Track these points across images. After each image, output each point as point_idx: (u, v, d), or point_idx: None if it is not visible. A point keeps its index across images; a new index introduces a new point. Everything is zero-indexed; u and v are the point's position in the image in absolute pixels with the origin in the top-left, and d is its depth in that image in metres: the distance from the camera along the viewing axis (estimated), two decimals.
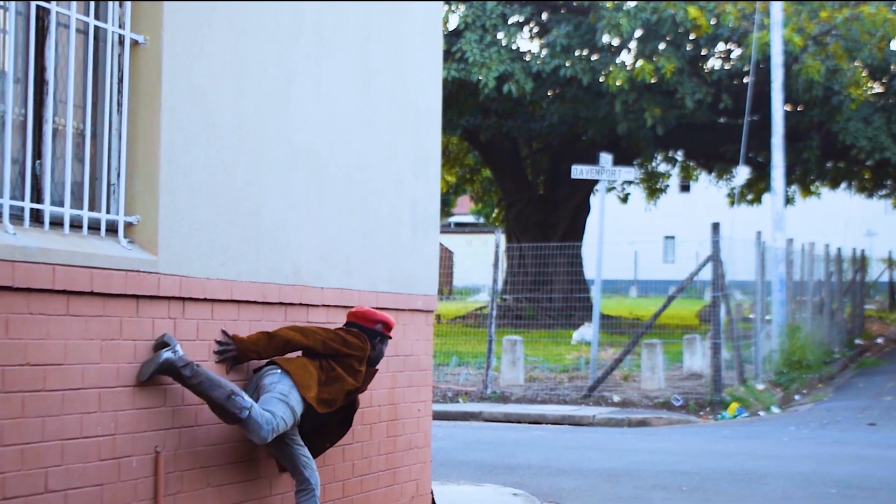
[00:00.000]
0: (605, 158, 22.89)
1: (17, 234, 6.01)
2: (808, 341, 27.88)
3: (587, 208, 41.28)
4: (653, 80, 31.59)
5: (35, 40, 6.35)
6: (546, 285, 32.09)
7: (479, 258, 54.50)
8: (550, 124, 35.79)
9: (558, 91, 34.48)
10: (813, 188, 44.75)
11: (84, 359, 6.33)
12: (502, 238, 24.82)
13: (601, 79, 32.64)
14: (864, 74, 33.23)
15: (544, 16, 34.94)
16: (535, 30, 35.16)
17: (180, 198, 7.04)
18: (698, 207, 65.71)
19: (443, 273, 41.54)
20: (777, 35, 28.11)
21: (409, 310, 9.61)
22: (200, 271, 7.23)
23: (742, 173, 43.25)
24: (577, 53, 32.85)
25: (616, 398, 21.74)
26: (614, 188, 44.84)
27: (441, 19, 10.37)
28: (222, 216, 7.42)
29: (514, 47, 32.83)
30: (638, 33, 32.89)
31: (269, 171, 7.90)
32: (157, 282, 6.85)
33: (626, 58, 33.88)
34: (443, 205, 42.71)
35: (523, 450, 16.55)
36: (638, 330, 23.84)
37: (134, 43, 6.90)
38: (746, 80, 31.30)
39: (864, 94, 32.83)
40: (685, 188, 70.44)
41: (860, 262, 39.73)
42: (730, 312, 22.95)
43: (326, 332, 7.98)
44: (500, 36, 32.63)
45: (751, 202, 44.86)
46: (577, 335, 30.17)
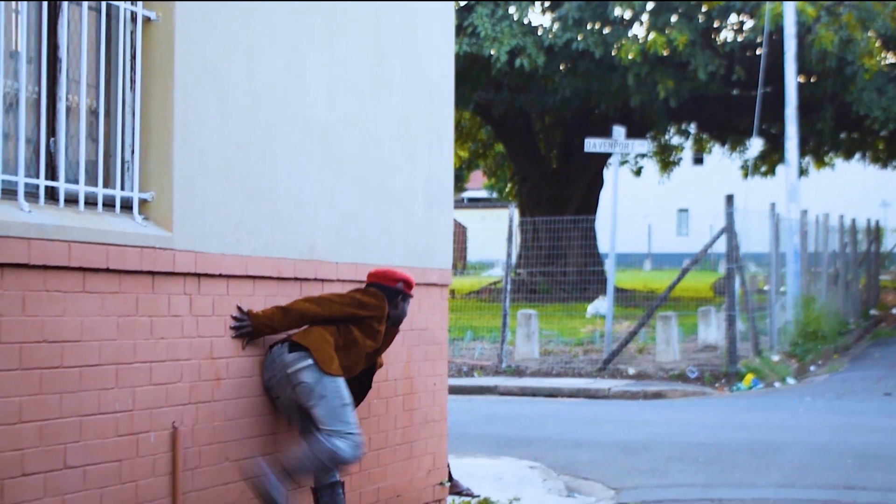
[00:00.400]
0: (619, 131, 22.85)
1: (33, 211, 6.02)
2: (824, 312, 27.85)
3: (600, 182, 41.21)
4: (665, 53, 31.47)
5: (47, 19, 6.36)
6: (560, 259, 32.11)
7: (493, 233, 54.49)
8: (563, 98, 35.70)
9: (570, 65, 34.38)
10: (827, 159, 44.63)
11: (100, 335, 6.35)
12: (516, 212, 24.81)
13: (613, 52, 32.52)
14: (877, 44, 33.06)
15: None
16: (547, 3, 35.04)
17: (194, 174, 7.05)
18: (712, 180, 65.53)
19: (456, 248, 41.50)
20: (790, 6, 28.02)
21: (425, 284, 9.61)
22: (215, 247, 7.24)
23: (755, 145, 43.14)
24: (588, 27, 32.74)
25: (631, 371, 21.75)
26: (627, 161, 44.73)
27: None
28: (237, 192, 7.43)
29: (526, 21, 32.73)
30: (650, 6, 32.77)
31: (282, 147, 7.91)
32: (172, 258, 6.87)
33: (639, 30, 33.75)
34: (456, 180, 42.63)
35: (539, 423, 16.58)
36: (653, 303, 23.83)
37: (146, 20, 6.90)
38: (759, 51, 31.19)
39: (878, 65, 32.68)
40: (698, 161, 70.26)
41: (875, 233, 39.62)
42: (744, 284, 22.93)
43: (342, 298, 7.98)
44: (512, 10, 32.53)
45: (764, 174, 44.76)
46: (591, 309, 30.16)
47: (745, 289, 23.06)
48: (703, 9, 32.65)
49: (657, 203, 65.63)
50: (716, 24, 34.34)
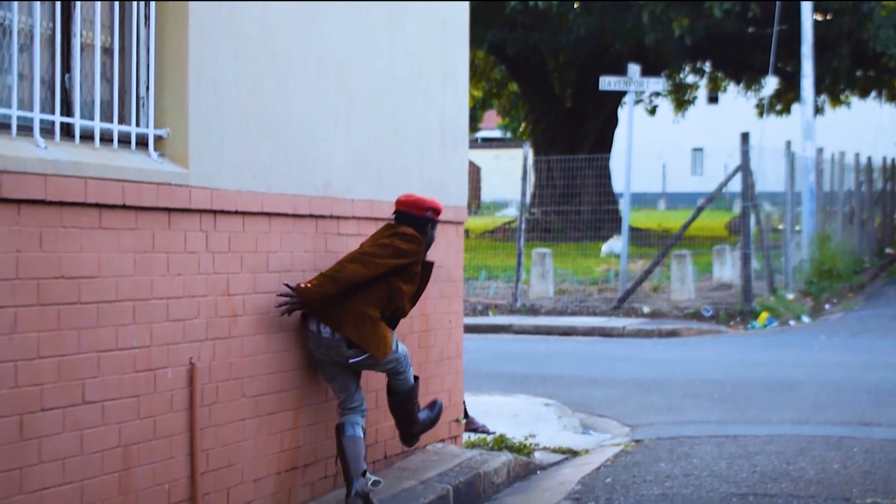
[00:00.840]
0: (633, 69, 22.76)
1: (49, 147, 6.02)
2: (839, 251, 27.82)
3: (615, 121, 41.07)
4: None
5: None
6: (574, 199, 32.03)
7: (507, 173, 54.40)
8: (577, 37, 35.49)
9: (585, 3, 34.18)
10: (842, 97, 44.37)
11: (117, 272, 6.36)
12: (530, 152, 24.76)
13: None
14: None
15: None
16: None
17: (210, 111, 7.03)
18: (726, 119, 65.26)
19: (470, 188, 41.54)
20: None
21: (440, 221, 9.59)
22: (231, 184, 7.24)
23: (771, 84, 42.92)
24: None
25: (646, 309, 21.77)
26: (642, 100, 44.54)
27: None
28: (252, 129, 7.42)
29: None
30: None
31: (297, 85, 7.89)
32: (188, 195, 6.87)
33: None
34: (470, 120, 42.55)
35: (554, 361, 16.64)
36: (667, 241, 23.82)
37: None
38: None
39: (895, 2, 32.44)
40: (713, 100, 69.95)
41: (890, 172, 39.46)
42: (759, 223, 22.90)
43: (383, 250, 8.01)
44: None
45: (779, 113, 44.54)
46: (605, 248, 30.15)
47: (761, 227, 23.02)
48: None
49: (672, 142, 65.39)
50: None
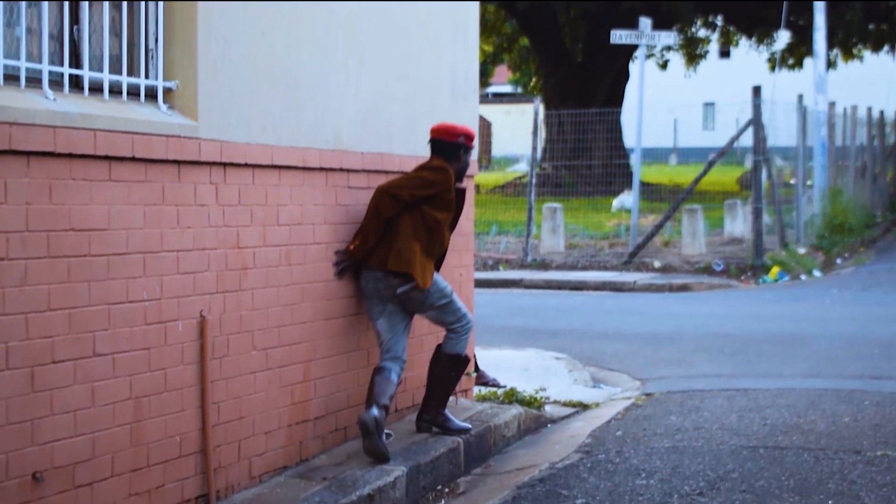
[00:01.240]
0: (645, 23, 22.65)
1: (58, 99, 5.99)
2: (850, 205, 27.76)
3: (626, 76, 40.94)
4: None
5: None
6: (585, 153, 31.96)
7: (518, 128, 54.30)
8: None
9: None
10: (855, 51, 44.15)
11: (127, 224, 6.35)
12: (541, 106, 24.68)
13: None
14: None
15: None
16: None
17: (219, 63, 7.00)
18: (738, 74, 65.00)
19: (481, 143, 41.45)
20: None
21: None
22: (241, 136, 7.21)
23: (783, 37, 42.72)
24: None
25: (657, 264, 21.76)
26: (653, 55, 44.39)
27: None
28: (261, 81, 7.39)
29: None
30: None
31: (307, 36, 7.85)
32: (197, 147, 6.85)
33: None
34: (480, 75, 42.41)
35: (565, 315, 16.65)
36: (679, 195, 23.77)
37: None
38: None
39: None
40: (725, 54, 69.70)
41: None
42: (771, 177, 22.85)
43: (409, 181, 8.43)
44: None
45: (791, 67, 44.35)
46: (616, 202, 30.13)
47: (772, 182, 22.96)
48: None
49: (683, 97, 65.22)
50: None
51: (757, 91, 21.56)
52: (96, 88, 6.41)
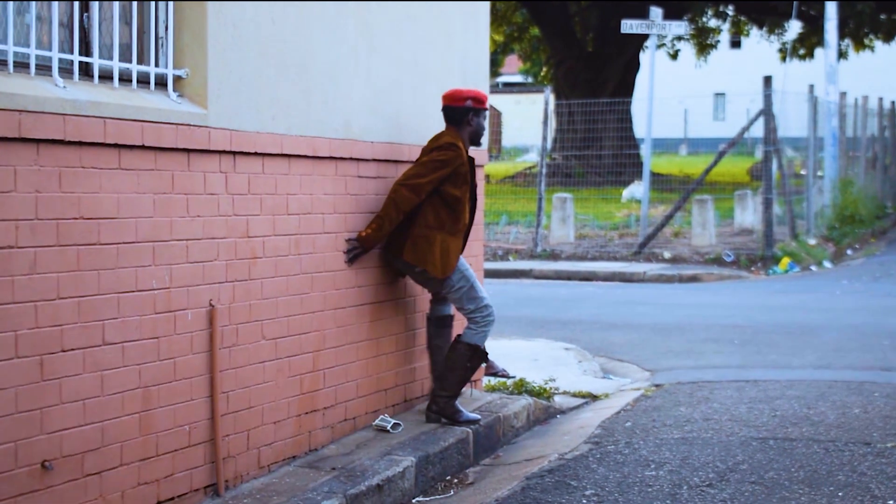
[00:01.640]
0: (655, 12, 22.59)
1: (68, 87, 5.98)
2: (861, 196, 27.71)
3: (636, 65, 40.86)
4: None
5: None
6: (595, 143, 31.92)
7: (528, 118, 54.19)
8: None
9: None
10: (866, 41, 44.03)
11: (137, 212, 6.33)
12: (551, 96, 24.63)
13: None
14: None
15: None
16: None
17: (229, 50, 6.98)
18: (749, 64, 64.93)
19: (491, 133, 41.43)
20: None
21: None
22: (250, 125, 7.19)
23: (794, 27, 42.60)
24: None
25: (666, 254, 21.72)
26: (664, 45, 44.29)
27: None
28: (271, 69, 7.37)
29: None
30: None
31: (317, 24, 7.82)
32: (207, 135, 6.83)
33: None
34: (491, 65, 42.35)
35: (574, 305, 16.62)
36: (689, 186, 23.72)
37: None
38: None
39: None
40: (736, 44, 69.59)
41: None
42: (782, 167, 22.79)
43: (424, 168, 8.48)
44: None
45: (802, 57, 44.26)
46: (626, 193, 30.09)
47: (783, 172, 22.91)
48: None
49: (693, 87, 65.14)
50: None
51: (768, 81, 21.50)
52: (106, 76, 6.39)
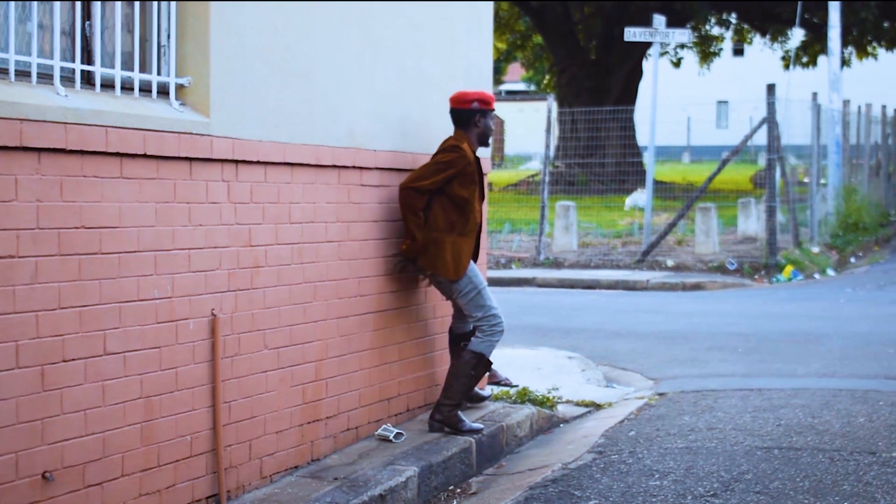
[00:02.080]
0: (659, 20, 22.57)
1: (69, 95, 5.95)
2: (864, 204, 27.67)
3: (640, 73, 40.84)
4: None
5: None
6: (598, 151, 31.89)
7: (531, 126, 54.14)
8: None
9: None
10: (870, 49, 43.98)
11: (139, 221, 6.30)
12: (554, 104, 24.61)
13: None
14: None
15: None
16: None
17: (232, 59, 6.95)
18: (752, 72, 64.90)
19: (494, 141, 41.40)
20: None
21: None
22: (253, 133, 7.17)
23: (797, 35, 42.54)
24: None
25: (670, 262, 21.69)
26: (667, 52, 44.27)
27: None
28: (275, 77, 7.34)
29: None
30: None
31: (321, 31, 7.80)
32: (209, 144, 6.80)
33: None
34: (493, 73, 42.33)
35: (578, 314, 16.58)
36: (692, 194, 23.69)
37: None
38: None
39: None
40: (738, 52, 69.59)
41: None
42: (785, 175, 22.75)
43: (426, 170, 8.61)
44: None
45: (805, 65, 44.21)
46: (629, 201, 30.06)
47: (786, 180, 22.87)
48: None
49: (696, 95, 65.08)
50: None
51: (771, 89, 21.47)
52: (108, 85, 6.37)
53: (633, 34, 22.73)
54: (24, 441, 5.62)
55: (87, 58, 6.28)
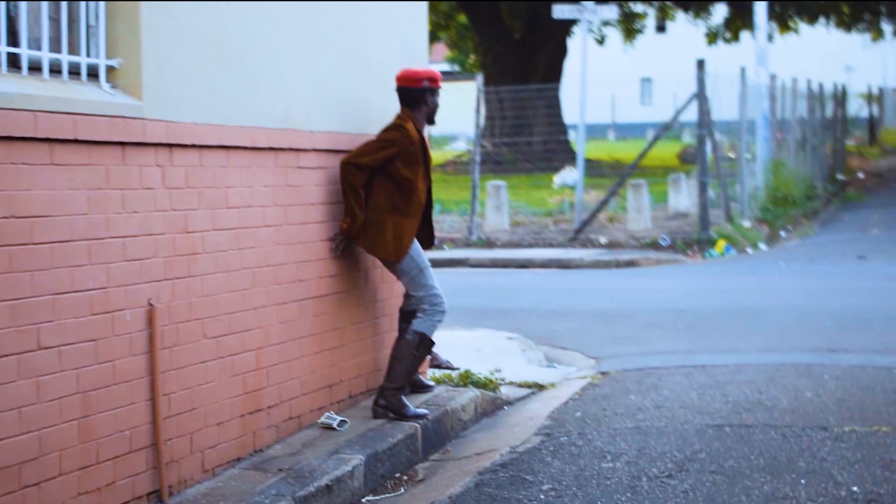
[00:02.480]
0: None
1: None
2: (792, 178, 27.75)
3: (564, 51, 40.76)
4: None
5: None
6: (525, 130, 31.81)
7: (455, 106, 53.93)
8: None
9: None
10: (791, 24, 44.23)
11: (71, 210, 6.05)
12: (482, 83, 24.43)
13: None
14: None
15: None
16: None
17: (165, 39, 6.69)
18: (675, 48, 65.15)
19: None
20: None
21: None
22: (187, 116, 6.92)
23: (720, 11, 42.71)
24: None
25: (603, 240, 21.61)
26: (592, 31, 44.20)
27: None
28: (210, 58, 7.09)
29: None
30: None
31: (258, 10, 7.56)
32: (142, 127, 6.55)
33: None
34: None
35: (514, 294, 16.44)
36: (623, 171, 23.63)
37: None
38: None
39: None
40: (661, 29, 69.77)
41: (841, 98, 39.42)
42: (715, 150, 22.73)
43: (369, 147, 8.50)
44: None
45: (728, 41, 44.40)
46: (558, 179, 29.99)
47: (717, 155, 22.85)
48: None
49: (620, 73, 65.34)
50: None
51: (701, 64, 21.44)
52: (35, 68, 6.10)
53: (561, 11, 22.60)
54: None
55: (13, 40, 6.01)
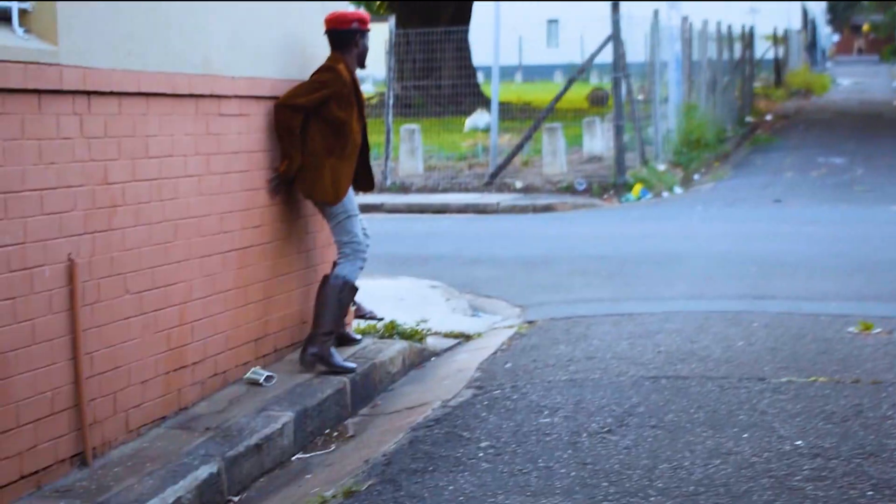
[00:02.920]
0: None
1: None
2: (704, 121, 27.73)
3: None
4: None
5: None
6: (434, 73, 31.48)
7: None
8: None
9: None
10: None
11: None
12: (394, 24, 24.06)
13: None
14: None
15: None
16: None
17: None
18: None
19: None
20: None
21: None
22: (105, 62, 6.58)
23: None
24: None
25: (518, 184, 21.42)
26: None
27: None
28: (126, 1, 6.75)
29: None
30: None
31: None
32: (59, 74, 6.21)
33: None
34: None
35: (433, 240, 16.22)
36: (538, 114, 23.43)
37: None
38: None
39: None
40: None
41: (748, 40, 39.44)
42: (630, 94, 22.59)
43: (303, 89, 8.40)
44: None
45: None
46: (469, 122, 29.74)
47: (631, 98, 22.71)
48: None
49: (526, 14, 65.06)
50: None
51: (616, 6, 21.26)
52: None
53: None
54: None
55: None
